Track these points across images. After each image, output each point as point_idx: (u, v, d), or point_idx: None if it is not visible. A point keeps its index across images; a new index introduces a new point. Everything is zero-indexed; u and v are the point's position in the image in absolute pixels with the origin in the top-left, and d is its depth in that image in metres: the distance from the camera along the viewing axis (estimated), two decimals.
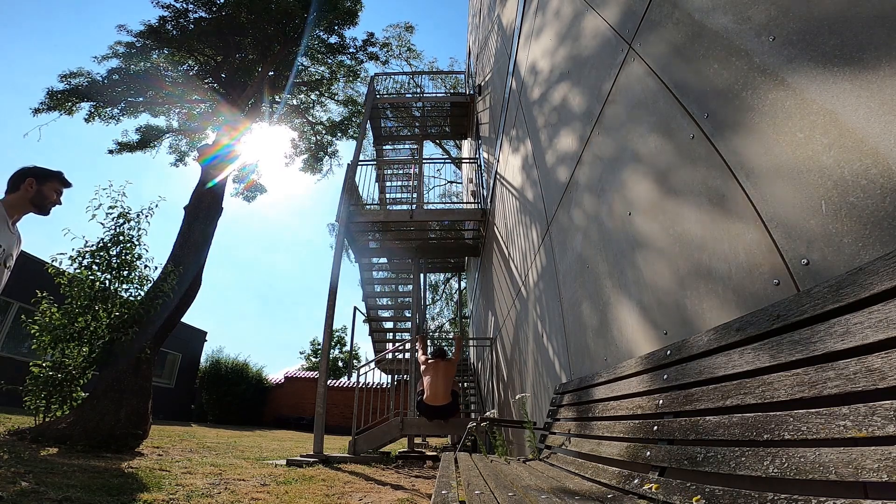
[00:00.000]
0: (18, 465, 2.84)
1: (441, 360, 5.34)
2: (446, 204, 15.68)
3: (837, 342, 0.74)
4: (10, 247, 1.81)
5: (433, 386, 5.11)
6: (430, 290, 19.70)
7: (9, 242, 1.78)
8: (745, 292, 1.14)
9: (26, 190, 1.85)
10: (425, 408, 5.11)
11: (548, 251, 3.19)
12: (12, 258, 1.85)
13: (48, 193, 1.89)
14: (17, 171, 1.90)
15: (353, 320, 7.61)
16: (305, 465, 4.31)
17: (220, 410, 14.92)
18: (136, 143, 9.74)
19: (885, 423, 0.61)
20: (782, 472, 0.74)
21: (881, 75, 0.81)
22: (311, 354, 30.08)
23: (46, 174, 1.91)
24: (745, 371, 0.95)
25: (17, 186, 1.85)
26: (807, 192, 0.96)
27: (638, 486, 1.10)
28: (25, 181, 1.86)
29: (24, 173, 1.88)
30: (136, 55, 9.05)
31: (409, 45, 12.75)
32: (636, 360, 1.52)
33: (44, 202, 1.89)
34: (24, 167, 1.92)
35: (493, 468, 1.77)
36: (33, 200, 1.86)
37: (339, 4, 9.63)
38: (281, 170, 27.34)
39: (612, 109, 2.04)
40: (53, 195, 1.91)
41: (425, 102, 8.94)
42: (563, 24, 2.93)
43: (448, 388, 5.14)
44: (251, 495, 2.68)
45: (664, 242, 1.55)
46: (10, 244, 1.80)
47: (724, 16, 1.27)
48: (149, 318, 4.97)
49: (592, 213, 2.26)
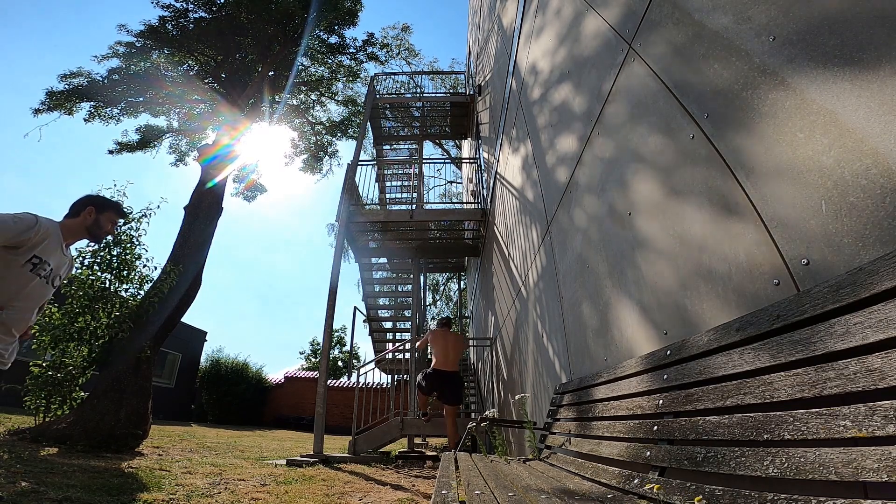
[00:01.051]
0: (18, 465, 2.84)
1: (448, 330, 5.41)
2: (446, 204, 15.68)
3: (837, 342, 0.74)
4: (59, 267, 1.85)
5: (444, 353, 5.12)
6: (430, 290, 19.71)
7: (58, 262, 1.83)
8: (746, 292, 1.14)
9: (85, 217, 1.91)
10: (434, 374, 5.04)
11: (548, 251, 3.19)
12: (60, 278, 1.89)
13: (104, 223, 1.95)
14: (81, 198, 1.97)
15: (353, 320, 7.61)
16: (305, 465, 4.31)
17: (220, 410, 14.93)
18: (136, 143, 9.74)
19: (885, 423, 0.61)
20: (782, 472, 0.74)
21: (881, 75, 0.82)
22: (311, 354, 30.08)
23: (106, 205, 1.97)
24: (745, 371, 0.95)
25: (78, 213, 1.92)
26: (807, 192, 0.97)
27: (638, 486, 1.10)
28: (86, 209, 1.92)
29: (86, 202, 1.94)
30: (136, 55, 9.05)
31: (408, 46, 12.75)
32: (636, 360, 1.52)
33: (98, 231, 1.95)
34: (89, 195, 1.99)
35: (493, 468, 1.77)
36: (90, 228, 1.92)
37: (339, 4, 9.63)
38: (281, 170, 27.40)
39: (612, 109, 2.04)
40: (109, 225, 1.97)
41: (425, 102, 8.93)
42: (563, 24, 2.93)
43: (457, 358, 5.20)
44: (251, 495, 2.68)
45: (664, 242, 1.55)
46: (59, 264, 1.85)
47: (724, 16, 1.27)
48: (148, 317, 4.97)
49: (592, 213, 2.26)
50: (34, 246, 1.70)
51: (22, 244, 1.67)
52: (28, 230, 1.66)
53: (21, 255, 1.68)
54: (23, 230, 1.64)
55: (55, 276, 1.85)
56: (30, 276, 1.71)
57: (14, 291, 1.69)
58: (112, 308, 4.83)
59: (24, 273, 1.70)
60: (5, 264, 1.66)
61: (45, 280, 1.79)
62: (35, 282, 1.74)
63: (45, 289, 1.81)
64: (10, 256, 1.66)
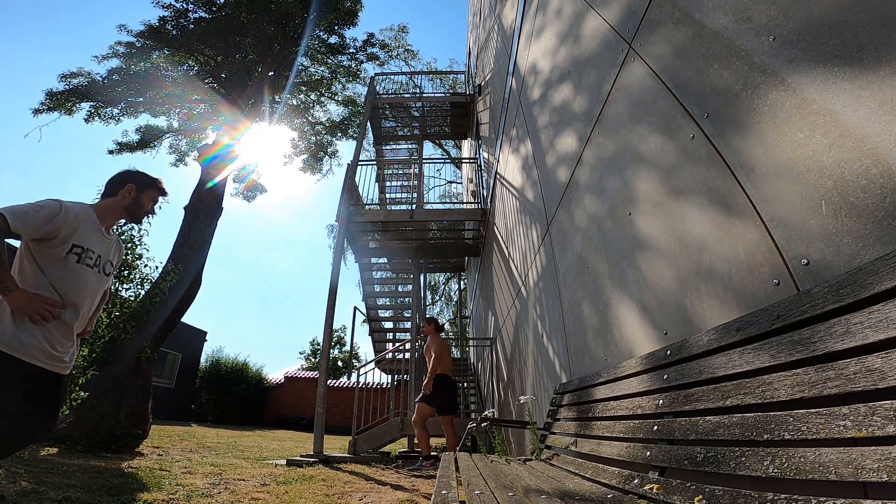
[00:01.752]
0: (18, 465, 2.84)
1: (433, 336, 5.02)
2: (446, 204, 15.68)
3: (837, 342, 0.74)
4: (108, 253, 1.69)
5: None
6: (430, 290, 19.71)
7: (103, 248, 1.66)
8: (746, 292, 1.14)
9: (124, 196, 1.73)
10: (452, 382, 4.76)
11: (548, 251, 3.19)
12: (111, 265, 1.73)
13: (145, 202, 1.77)
14: (119, 174, 1.77)
15: (353, 320, 7.61)
16: (305, 465, 4.31)
17: (220, 410, 14.92)
18: (136, 143, 9.74)
19: (885, 423, 0.61)
20: (782, 472, 0.74)
21: (881, 75, 0.82)
22: (311, 354, 30.09)
23: (147, 182, 1.78)
24: (745, 371, 0.95)
25: (115, 191, 1.73)
26: (807, 192, 0.97)
27: (638, 486, 1.10)
28: (125, 186, 1.73)
29: (125, 178, 1.75)
30: (136, 55, 9.05)
31: (407, 47, 12.74)
32: (636, 360, 1.52)
33: (138, 211, 1.76)
34: (127, 171, 1.79)
35: (493, 468, 1.77)
36: (129, 208, 1.74)
37: (339, 4, 9.63)
38: (281, 170, 27.39)
39: (612, 109, 2.04)
40: (150, 204, 1.79)
41: (425, 102, 8.93)
42: (563, 23, 2.93)
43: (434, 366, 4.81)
44: (251, 495, 2.68)
45: (664, 242, 1.55)
46: (107, 250, 1.69)
47: (724, 16, 1.27)
48: (148, 317, 4.97)
49: (593, 213, 2.26)
50: (68, 235, 1.53)
51: (52, 234, 1.49)
52: (52, 218, 1.48)
53: (57, 247, 1.51)
54: (45, 220, 1.47)
55: (105, 262, 1.68)
56: (78, 267, 1.55)
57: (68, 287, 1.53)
58: (112, 308, 4.83)
59: (72, 265, 1.53)
60: (48, 259, 1.50)
61: (97, 269, 1.62)
62: (86, 273, 1.57)
63: (98, 279, 1.64)
64: (48, 250, 1.50)
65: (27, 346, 1.44)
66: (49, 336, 1.49)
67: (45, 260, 1.51)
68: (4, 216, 1.39)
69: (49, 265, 1.51)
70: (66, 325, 1.54)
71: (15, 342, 1.42)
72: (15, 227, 1.42)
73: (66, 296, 1.53)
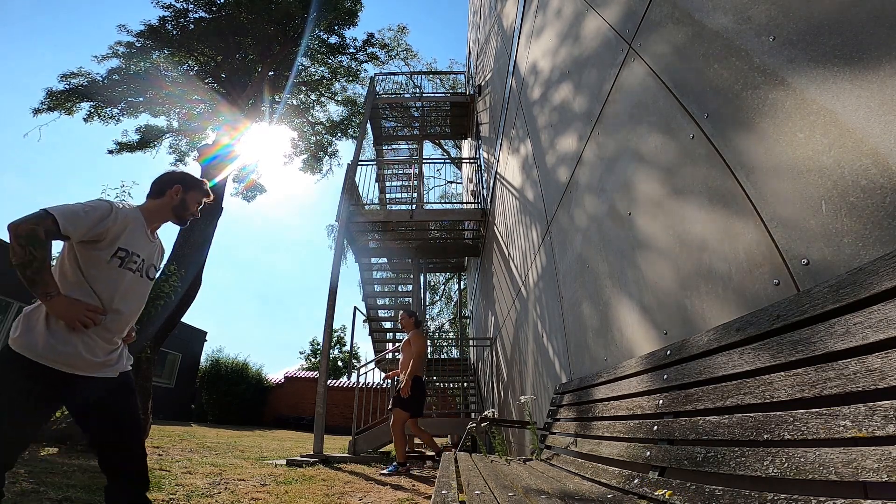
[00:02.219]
0: (18, 465, 2.84)
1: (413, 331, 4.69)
2: (446, 204, 15.68)
3: (837, 342, 0.74)
4: (151, 256, 1.64)
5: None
6: (430, 290, 19.71)
7: (149, 252, 1.62)
8: (746, 292, 1.14)
9: (171, 197, 1.69)
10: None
11: (548, 251, 3.19)
12: (154, 269, 1.69)
13: (190, 203, 1.73)
14: (165, 174, 1.73)
15: (353, 320, 7.61)
16: (305, 464, 4.31)
17: (220, 410, 14.92)
18: (136, 143, 9.74)
19: (885, 423, 0.61)
20: (782, 472, 0.74)
21: (881, 75, 0.82)
22: (311, 354, 30.08)
23: (193, 183, 1.74)
24: (745, 371, 0.95)
25: (162, 192, 1.69)
26: (807, 192, 0.97)
27: (638, 486, 1.10)
28: (173, 187, 1.69)
29: (172, 179, 1.71)
30: (136, 55, 9.05)
31: (406, 47, 12.73)
32: (636, 360, 1.52)
33: (185, 212, 1.72)
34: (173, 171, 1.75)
35: (493, 468, 1.77)
36: (175, 209, 1.69)
37: (339, 4, 9.63)
38: (281, 170, 27.37)
39: (612, 109, 2.04)
40: (194, 206, 1.75)
41: (425, 102, 8.93)
42: (563, 23, 2.93)
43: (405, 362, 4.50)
44: (251, 495, 2.68)
45: (664, 242, 1.55)
46: (151, 253, 1.64)
47: (724, 16, 1.27)
48: (149, 317, 4.97)
49: (593, 213, 2.26)
50: (115, 237, 1.47)
51: (100, 237, 1.44)
52: (103, 220, 1.43)
53: (104, 249, 1.45)
54: (96, 221, 1.42)
55: (149, 266, 1.62)
56: (121, 272, 1.49)
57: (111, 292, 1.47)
58: None
59: (114, 270, 1.48)
60: (92, 263, 1.45)
61: (140, 274, 1.57)
62: (129, 278, 1.52)
63: (141, 284, 1.59)
64: (93, 253, 1.44)
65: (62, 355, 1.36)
66: (90, 343, 1.43)
67: (87, 262, 1.45)
68: (55, 217, 1.34)
69: (91, 268, 1.45)
70: (108, 331, 1.48)
71: (48, 351, 1.35)
72: (65, 229, 1.36)
73: (107, 301, 1.47)
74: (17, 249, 1.30)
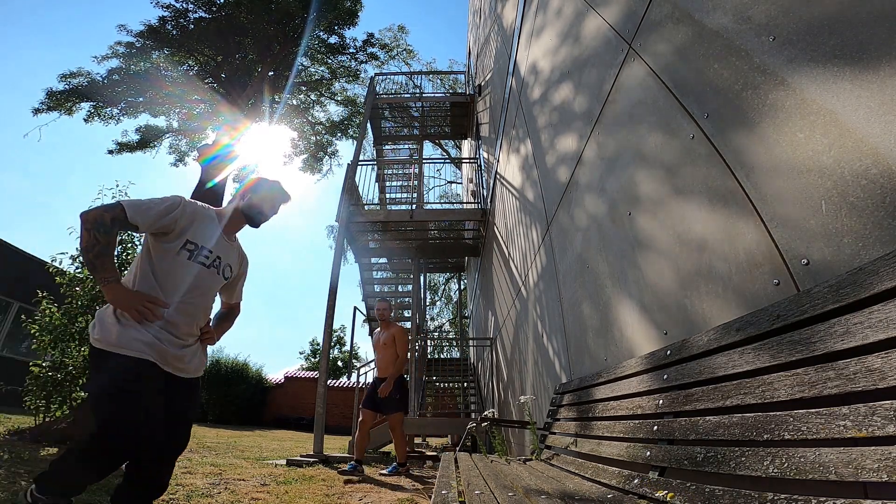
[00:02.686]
0: (18, 465, 2.84)
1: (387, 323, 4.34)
2: (446, 204, 15.68)
3: (837, 342, 0.74)
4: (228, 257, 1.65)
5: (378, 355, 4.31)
6: (430, 290, 19.71)
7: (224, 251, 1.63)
8: (746, 292, 1.14)
9: (241, 200, 1.71)
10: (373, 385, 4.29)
11: (548, 251, 3.19)
12: (231, 269, 1.68)
13: (263, 206, 1.71)
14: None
15: (353, 320, 7.61)
16: (305, 465, 4.31)
17: (220, 410, 14.91)
18: (136, 143, 9.75)
19: (885, 423, 0.61)
20: (782, 472, 0.74)
21: (881, 75, 0.81)
22: (311, 354, 30.10)
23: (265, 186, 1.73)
24: (745, 371, 0.95)
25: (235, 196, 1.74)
26: (807, 191, 0.96)
27: (638, 486, 1.10)
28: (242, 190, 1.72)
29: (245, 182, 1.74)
30: (136, 55, 9.07)
31: (406, 47, 12.74)
32: (636, 360, 1.52)
33: (258, 216, 1.71)
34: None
35: (493, 468, 1.77)
36: (246, 211, 1.70)
37: (339, 4, 9.63)
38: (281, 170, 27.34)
39: (612, 109, 2.04)
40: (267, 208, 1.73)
41: (425, 102, 8.93)
42: (563, 23, 2.93)
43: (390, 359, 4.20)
44: (251, 495, 2.68)
45: (664, 242, 1.55)
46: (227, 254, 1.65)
47: (724, 16, 1.27)
48: None
49: (593, 212, 2.26)
50: (183, 230, 1.50)
51: (168, 228, 1.47)
52: (170, 212, 1.47)
53: (173, 241, 1.48)
54: (164, 212, 1.46)
55: (224, 266, 1.63)
56: (190, 264, 1.51)
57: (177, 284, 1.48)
58: None
59: (183, 262, 1.50)
60: (162, 255, 1.48)
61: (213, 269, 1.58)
62: (197, 270, 1.52)
63: (212, 278, 1.59)
64: (163, 245, 1.48)
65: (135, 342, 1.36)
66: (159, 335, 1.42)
67: (158, 255, 1.48)
68: (123, 206, 1.40)
69: (161, 260, 1.48)
70: (173, 325, 1.47)
71: (123, 339, 1.36)
72: (133, 218, 1.40)
73: (171, 293, 1.47)
74: (83, 234, 1.36)
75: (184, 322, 1.50)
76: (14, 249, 10.48)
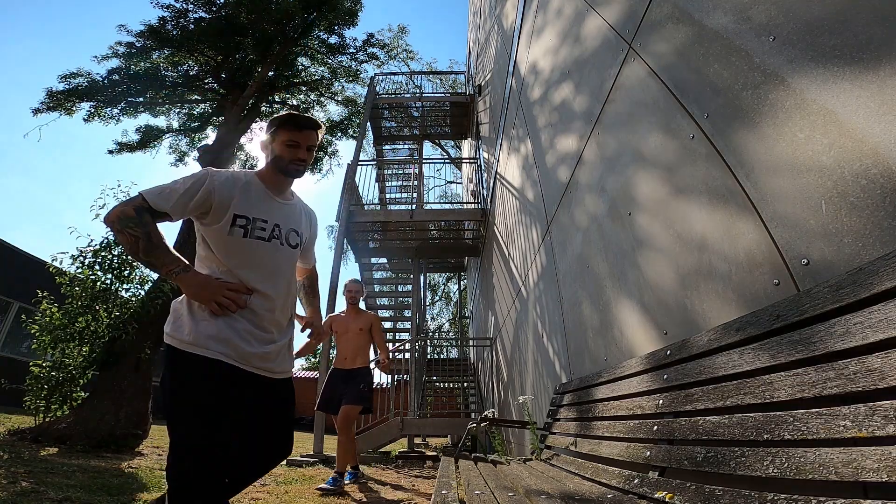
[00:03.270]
0: (18, 465, 2.84)
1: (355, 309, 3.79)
2: (446, 204, 15.68)
3: (837, 342, 0.73)
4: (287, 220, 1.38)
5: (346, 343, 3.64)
6: (430, 290, 19.70)
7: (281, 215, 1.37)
8: (746, 292, 1.14)
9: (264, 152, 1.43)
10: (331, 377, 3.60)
11: (548, 251, 3.19)
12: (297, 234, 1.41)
13: (281, 150, 1.37)
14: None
15: None
16: (305, 465, 4.31)
17: None
18: (136, 143, 9.74)
19: (885, 423, 0.61)
20: (782, 472, 0.74)
21: (881, 75, 0.81)
22: (311, 354, 30.08)
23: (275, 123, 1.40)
24: (745, 371, 0.95)
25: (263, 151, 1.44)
26: (807, 191, 0.96)
27: (638, 486, 1.10)
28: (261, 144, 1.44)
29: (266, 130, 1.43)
30: (136, 55, 9.06)
31: (406, 47, 12.73)
32: (636, 360, 1.52)
33: (284, 164, 1.37)
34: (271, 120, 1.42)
35: (492, 468, 1.77)
36: (274, 163, 1.38)
37: (340, 5, 9.63)
38: None
39: (612, 109, 2.04)
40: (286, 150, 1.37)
41: (425, 102, 8.94)
42: (563, 23, 2.93)
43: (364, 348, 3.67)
44: (251, 495, 2.68)
45: (664, 242, 1.55)
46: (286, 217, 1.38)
47: (724, 16, 1.27)
48: (148, 317, 4.96)
49: (593, 212, 2.26)
50: (225, 203, 1.26)
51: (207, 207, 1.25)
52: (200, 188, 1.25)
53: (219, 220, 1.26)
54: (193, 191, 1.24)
55: (288, 232, 1.37)
56: (249, 242, 1.27)
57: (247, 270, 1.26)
58: (112, 308, 4.83)
59: (240, 241, 1.26)
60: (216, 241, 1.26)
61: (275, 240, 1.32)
62: (263, 247, 1.29)
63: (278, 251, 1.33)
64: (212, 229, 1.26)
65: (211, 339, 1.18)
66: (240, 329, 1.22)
67: (213, 240, 1.27)
68: (142, 195, 1.22)
69: (219, 246, 1.26)
70: (257, 316, 1.25)
71: (199, 337, 1.17)
72: (157, 204, 1.21)
73: (246, 280, 1.25)
74: (119, 238, 1.19)
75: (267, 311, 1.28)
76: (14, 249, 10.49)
